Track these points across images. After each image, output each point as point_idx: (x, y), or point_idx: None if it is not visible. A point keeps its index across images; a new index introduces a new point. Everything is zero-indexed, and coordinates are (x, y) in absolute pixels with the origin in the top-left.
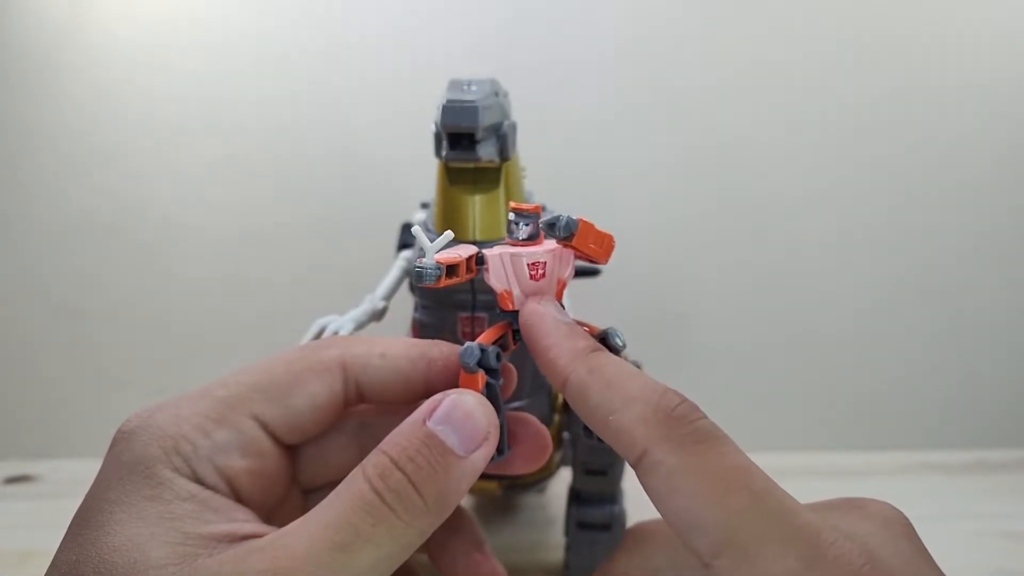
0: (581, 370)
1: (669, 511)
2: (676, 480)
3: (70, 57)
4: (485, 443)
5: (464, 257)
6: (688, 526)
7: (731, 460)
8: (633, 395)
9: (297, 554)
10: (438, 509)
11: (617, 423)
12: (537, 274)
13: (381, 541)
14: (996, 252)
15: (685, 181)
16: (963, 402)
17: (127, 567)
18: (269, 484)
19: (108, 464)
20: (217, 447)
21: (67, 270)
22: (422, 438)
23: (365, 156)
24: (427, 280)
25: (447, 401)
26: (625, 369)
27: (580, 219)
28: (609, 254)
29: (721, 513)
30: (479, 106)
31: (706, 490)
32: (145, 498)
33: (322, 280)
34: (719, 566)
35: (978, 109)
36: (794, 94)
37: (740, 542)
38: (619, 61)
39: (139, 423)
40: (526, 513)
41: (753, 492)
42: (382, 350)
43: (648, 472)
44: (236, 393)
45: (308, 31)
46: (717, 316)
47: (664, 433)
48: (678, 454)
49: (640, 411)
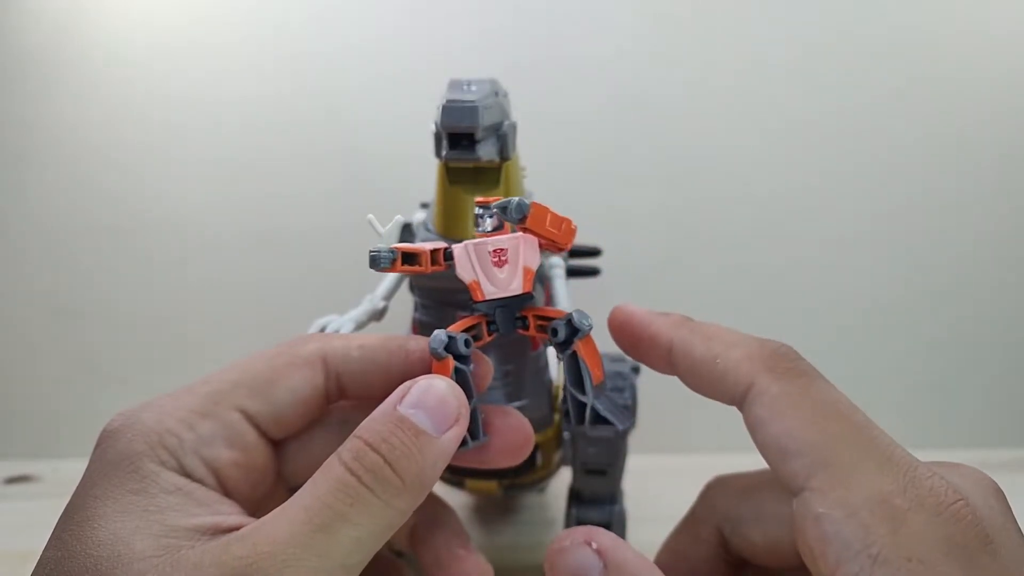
0: (683, 332)
1: (768, 436)
2: (779, 405)
3: (70, 57)
4: (456, 424)
5: (428, 248)
6: (786, 450)
7: (832, 394)
8: (735, 340)
9: (277, 538)
10: (415, 488)
11: (724, 364)
12: (499, 260)
13: (360, 520)
14: (996, 252)
15: (685, 180)
16: (963, 402)
17: (110, 560)
18: (255, 477)
19: (93, 462)
20: (202, 439)
21: (66, 270)
22: (395, 421)
23: (365, 156)
24: (382, 264)
25: (417, 386)
26: (720, 326)
27: (533, 202)
28: (570, 238)
29: (820, 436)
30: (479, 106)
31: (807, 415)
32: (130, 492)
33: (322, 280)
34: (812, 486)
35: (981, 108)
36: (796, 94)
37: (836, 463)
38: (620, 61)
39: (123, 422)
40: (526, 513)
41: (852, 422)
42: (360, 343)
43: (753, 402)
44: (220, 388)
45: (308, 31)
46: (717, 316)
47: (768, 366)
48: (781, 383)
49: (744, 351)
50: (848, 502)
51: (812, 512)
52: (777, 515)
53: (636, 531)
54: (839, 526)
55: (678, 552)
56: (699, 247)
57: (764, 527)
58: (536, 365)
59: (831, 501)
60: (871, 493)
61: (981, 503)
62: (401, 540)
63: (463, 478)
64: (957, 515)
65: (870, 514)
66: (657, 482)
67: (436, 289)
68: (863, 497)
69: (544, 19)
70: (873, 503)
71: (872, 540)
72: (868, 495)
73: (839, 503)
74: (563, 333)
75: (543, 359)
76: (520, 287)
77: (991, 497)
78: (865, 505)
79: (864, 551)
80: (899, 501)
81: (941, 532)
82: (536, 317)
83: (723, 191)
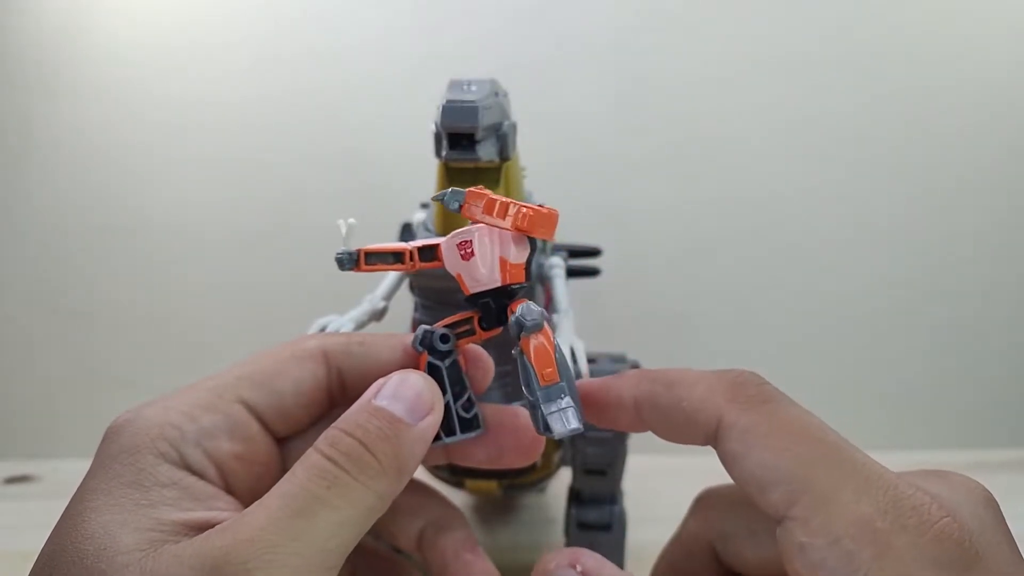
0: (644, 386)
1: (744, 470)
2: (749, 437)
3: (70, 57)
4: (431, 413)
5: (409, 248)
6: (762, 482)
7: (801, 417)
8: (696, 379)
9: (255, 525)
10: (393, 471)
11: (689, 405)
12: (466, 253)
13: (338, 504)
14: (995, 252)
15: (685, 181)
16: (963, 402)
17: (96, 553)
18: (258, 472)
19: (96, 457)
20: (204, 431)
21: (67, 270)
22: (371, 411)
23: (365, 156)
24: (346, 266)
25: (391, 380)
26: (680, 369)
27: (468, 189)
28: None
29: (795, 463)
30: (479, 106)
31: (779, 443)
32: (125, 484)
33: (322, 280)
34: (794, 515)
35: (981, 108)
36: (796, 91)
37: (814, 490)
38: (619, 61)
39: (128, 418)
40: (526, 513)
41: (825, 443)
42: (361, 339)
43: (724, 438)
44: (223, 383)
45: (308, 31)
46: (717, 316)
47: (732, 397)
48: (748, 414)
49: (707, 388)
50: (829, 529)
51: (796, 542)
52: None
53: (636, 531)
54: (823, 554)
55: (673, 566)
56: (699, 247)
57: (756, 543)
58: None
59: (813, 530)
60: (852, 518)
61: (969, 516)
62: (408, 543)
63: (463, 478)
64: (942, 533)
65: (852, 540)
66: (657, 482)
67: (436, 289)
68: (844, 523)
69: (544, 19)
70: (855, 528)
71: (857, 566)
72: (849, 520)
73: (821, 531)
74: (514, 330)
75: None
76: (498, 280)
77: (981, 507)
78: (847, 531)
79: None
80: (881, 524)
81: (927, 554)
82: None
83: (723, 191)
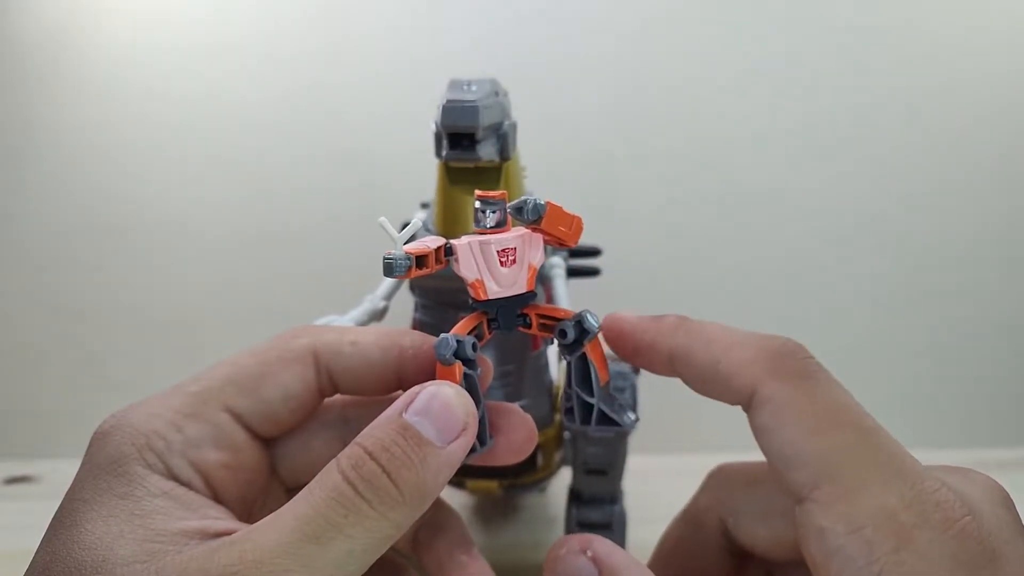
0: (680, 338)
1: (773, 445)
2: (783, 414)
3: (70, 57)
4: (463, 434)
5: (432, 248)
6: (790, 459)
7: (839, 397)
8: (736, 340)
9: (266, 547)
10: (414, 501)
11: (726, 368)
12: (508, 261)
13: (353, 532)
14: (995, 252)
15: (685, 181)
16: (963, 402)
17: (95, 565)
18: (246, 478)
19: (83, 465)
20: (190, 441)
21: (67, 270)
22: (398, 429)
23: (365, 156)
24: (397, 272)
25: (424, 392)
26: (719, 325)
27: (548, 202)
28: (578, 236)
29: (825, 446)
30: (479, 106)
31: (812, 423)
32: (117, 496)
33: (322, 280)
34: (816, 498)
35: (981, 108)
36: (796, 91)
37: (841, 475)
38: (620, 61)
39: (113, 423)
40: (526, 513)
41: (859, 429)
42: (353, 338)
43: (757, 409)
44: (208, 387)
45: (308, 31)
46: (717, 315)
47: (772, 369)
48: (786, 389)
49: (746, 353)
50: (852, 517)
51: (815, 525)
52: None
53: (636, 531)
54: (842, 541)
55: (681, 540)
56: (699, 246)
57: (770, 522)
58: (536, 365)
59: (835, 515)
60: (876, 508)
61: (989, 514)
62: (404, 544)
63: (463, 478)
64: (963, 532)
65: (874, 530)
66: (657, 482)
67: (436, 289)
68: (868, 512)
69: (544, 19)
70: (878, 519)
71: (876, 557)
72: (873, 510)
73: (843, 518)
74: (572, 334)
75: (543, 359)
76: (524, 285)
77: (999, 507)
78: (870, 521)
79: (867, 568)
80: (904, 517)
81: (947, 550)
82: (540, 316)
83: (723, 190)
